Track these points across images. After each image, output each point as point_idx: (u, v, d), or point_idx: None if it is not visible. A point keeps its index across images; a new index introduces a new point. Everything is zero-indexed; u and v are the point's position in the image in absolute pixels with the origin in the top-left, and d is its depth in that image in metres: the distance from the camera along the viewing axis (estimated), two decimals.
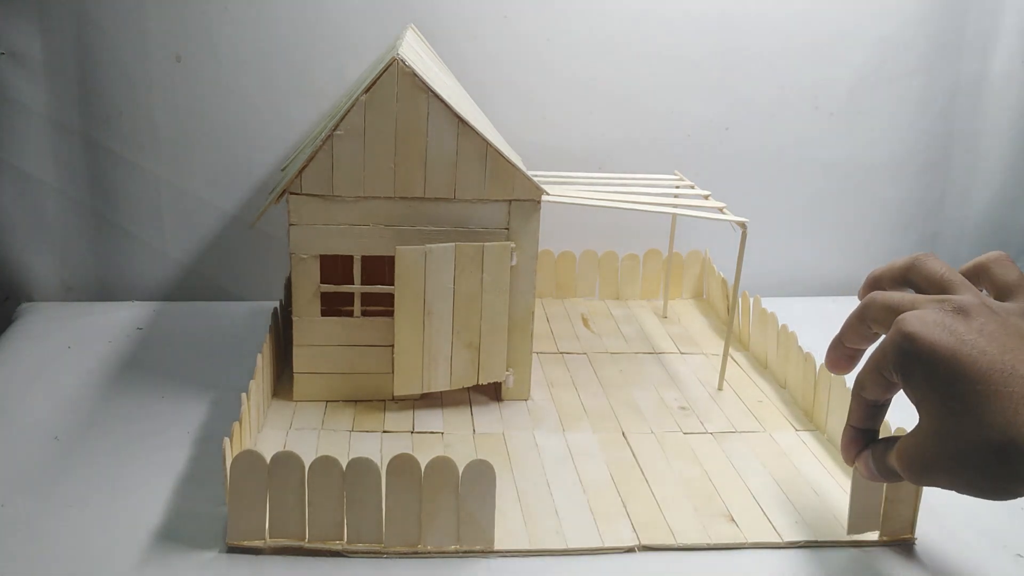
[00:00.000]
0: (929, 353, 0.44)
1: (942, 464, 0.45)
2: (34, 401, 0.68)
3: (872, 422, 0.52)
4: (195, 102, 0.85)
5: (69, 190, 0.85)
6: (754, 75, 0.91)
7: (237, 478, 0.51)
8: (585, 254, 0.92)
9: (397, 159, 0.64)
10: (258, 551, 0.52)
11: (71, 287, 0.88)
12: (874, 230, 0.98)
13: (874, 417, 0.51)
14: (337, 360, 0.68)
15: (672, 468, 0.62)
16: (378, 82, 0.62)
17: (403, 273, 0.65)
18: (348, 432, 0.65)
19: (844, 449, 0.53)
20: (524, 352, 0.70)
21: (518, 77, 0.88)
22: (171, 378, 0.73)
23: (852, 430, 0.52)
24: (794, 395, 0.73)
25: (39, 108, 0.83)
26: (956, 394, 0.43)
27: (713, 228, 0.78)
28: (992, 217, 1.00)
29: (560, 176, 0.79)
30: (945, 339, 0.44)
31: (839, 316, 0.97)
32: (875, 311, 0.49)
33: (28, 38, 0.81)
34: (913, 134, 0.95)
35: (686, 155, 0.92)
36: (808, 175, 0.95)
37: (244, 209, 0.88)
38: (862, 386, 0.50)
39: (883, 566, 0.53)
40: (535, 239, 0.67)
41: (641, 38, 0.89)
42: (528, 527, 0.55)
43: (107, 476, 0.59)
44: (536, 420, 0.68)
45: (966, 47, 0.93)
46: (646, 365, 0.79)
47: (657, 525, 0.56)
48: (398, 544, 0.52)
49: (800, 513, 0.57)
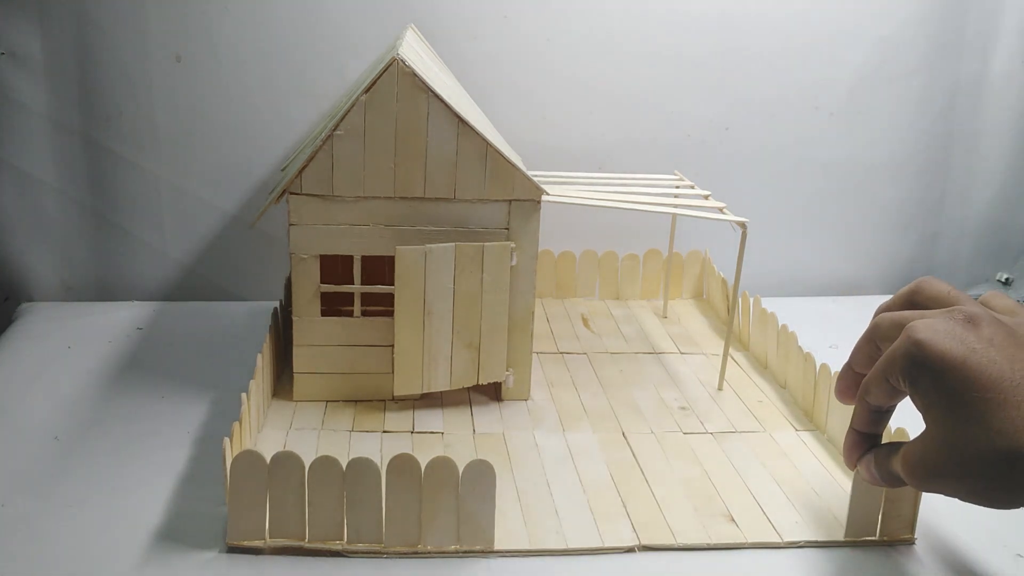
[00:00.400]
0: (939, 361, 0.44)
1: (948, 471, 0.45)
2: (34, 401, 0.68)
3: (875, 427, 0.52)
4: (195, 102, 0.85)
5: (69, 190, 0.85)
6: (754, 75, 0.91)
7: (237, 478, 0.51)
8: (585, 254, 0.92)
9: (397, 159, 0.64)
10: (258, 551, 0.52)
11: (71, 287, 0.88)
12: (874, 230, 0.98)
13: (877, 422, 0.52)
14: (337, 360, 0.68)
15: (672, 468, 0.62)
16: (378, 82, 0.62)
17: (403, 273, 0.65)
18: (348, 432, 0.65)
19: (847, 453, 0.53)
20: (524, 352, 0.70)
21: (518, 77, 0.88)
22: (171, 378, 0.73)
23: (855, 434, 0.52)
24: (794, 395, 0.73)
25: (39, 108, 0.83)
26: (965, 402, 0.44)
27: (713, 228, 0.78)
28: (992, 217, 1.00)
29: (560, 176, 0.79)
30: (955, 347, 0.44)
31: (839, 316, 0.97)
32: (884, 329, 0.49)
33: (28, 38, 0.81)
34: (913, 134, 0.95)
35: (686, 155, 0.92)
36: (808, 175, 0.95)
37: (244, 209, 0.88)
38: (867, 391, 0.50)
39: (883, 566, 0.53)
40: (535, 239, 0.67)
41: (641, 38, 0.89)
42: (528, 527, 0.55)
43: (107, 476, 0.59)
44: (536, 420, 0.68)
45: (966, 47, 0.93)
46: (646, 365, 0.79)
47: (657, 525, 0.56)
48: (398, 544, 0.52)
49: (800, 513, 0.57)
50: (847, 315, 0.93)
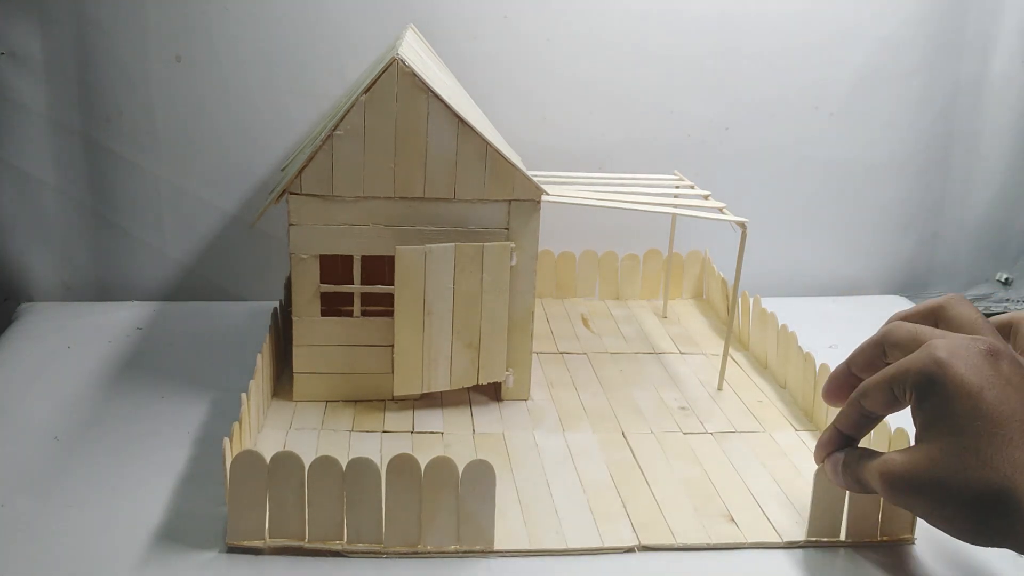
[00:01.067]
0: (955, 385, 0.45)
1: (929, 492, 0.45)
2: (34, 401, 0.68)
3: (858, 431, 0.52)
4: (195, 102, 0.84)
5: (69, 190, 0.85)
6: (754, 75, 0.91)
7: (237, 478, 0.51)
8: (585, 254, 0.92)
9: (397, 159, 0.64)
10: (258, 551, 0.52)
11: (71, 287, 0.88)
12: (874, 230, 0.98)
13: (862, 427, 0.52)
14: (337, 360, 0.68)
15: (672, 468, 0.62)
16: (378, 82, 0.62)
17: (403, 273, 0.65)
18: (348, 432, 0.65)
19: (819, 447, 0.53)
20: (524, 352, 0.70)
21: (518, 77, 0.88)
22: (171, 378, 0.73)
23: (835, 431, 0.52)
24: (794, 395, 0.73)
25: (39, 108, 0.83)
26: (969, 431, 0.44)
27: (713, 228, 0.78)
28: (992, 217, 1.00)
29: (560, 176, 0.79)
30: (973, 377, 0.45)
31: (839, 316, 0.97)
32: (898, 338, 0.49)
33: (28, 38, 0.81)
34: (913, 134, 0.95)
35: (686, 155, 0.92)
36: (808, 175, 0.95)
37: (244, 209, 0.88)
38: (865, 394, 0.50)
39: (883, 566, 0.53)
40: (535, 239, 0.67)
41: (641, 38, 0.89)
42: (528, 527, 0.55)
43: (107, 476, 0.59)
44: (536, 420, 0.68)
45: (966, 47, 0.93)
46: (646, 365, 0.79)
47: (657, 525, 0.56)
48: (398, 544, 0.52)
49: (800, 513, 0.57)
50: (847, 315, 0.93)
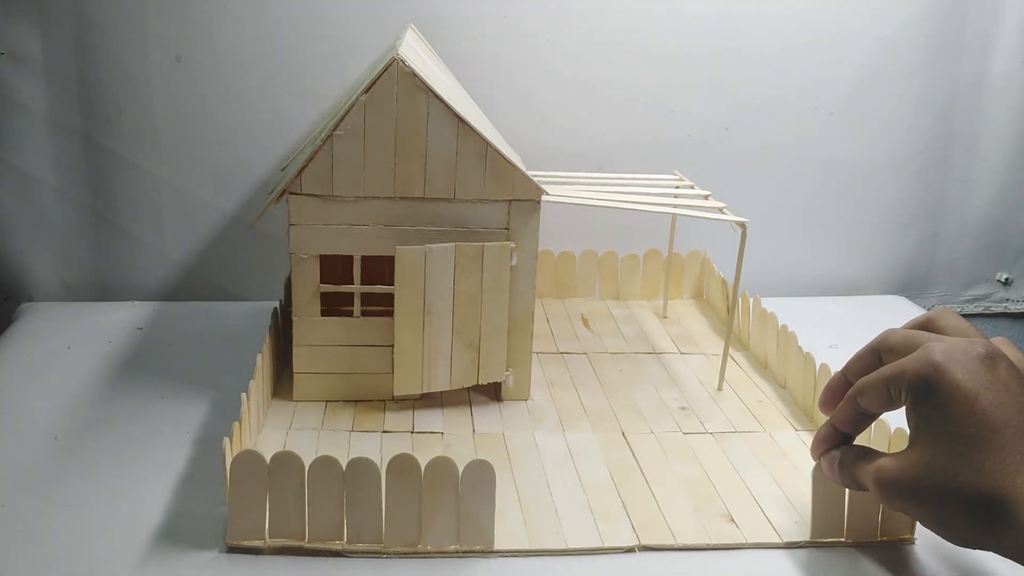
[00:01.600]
0: (951, 389, 0.45)
1: (922, 495, 0.45)
2: (34, 401, 0.68)
3: (853, 428, 0.52)
4: (195, 102, 0.84)
5: (69, 190, 0.85)
6: (754, 75, 0.91)
7: (237, 478, 0.51)
8: (585, 254, 0.91)
9: (397, 159, 0.64)
10: (258, 551, 0.52)
11: (71, 287, 0.88)
12: (874, 230, 0.98)
13: (857, 425, 0.52)
14: (337, 360, 0.68)
15: (672, 468, 0.62)
16: (378, 82, 0.62)
17: (403, 273, 0.65)
18: (348, 432, 0.65)
19: (815, 444, 0.54)
20: (524, 352, 0.70)
21: (518, 77, 0.88)
22: (171, 378, 0.73)
23: (830, 428, 0.53)
24: (794, 395, 0.73)
25: (39, 108, 0.83)
26: (963, 436, 0.44)
27: (713, 228, 0.78)
28: (992, 217, 1.00)
29: (560, 176, 0.79)
30: (970, 381, 0.44)
31: (839, 316, 0.97)
32: (894, 341, 0.49)
33: (28, 38, 0.81)
34: (913, 134, 0.95)
35: (686, 155, 0.92)
36: (808, 175, 0.95)
37: (244, 209, 0.88)
38: (861, 392, 0.50)
39: (883, 566, 0.53)
40: (535, 239, 0.67)
41: (641, 38, 0.88)
42: (528, 527, 0.55)
43: (107, 476, 0.59)
44: (536, 420, 0.68)
45: (966, 47, 0.93)
46: (646, 365, 0.79)
47: (657, 525, 0.56)
48: (398, 544, 0.52)
49: (800, 513, 0.57)
50: (847, 315, 0.93)
